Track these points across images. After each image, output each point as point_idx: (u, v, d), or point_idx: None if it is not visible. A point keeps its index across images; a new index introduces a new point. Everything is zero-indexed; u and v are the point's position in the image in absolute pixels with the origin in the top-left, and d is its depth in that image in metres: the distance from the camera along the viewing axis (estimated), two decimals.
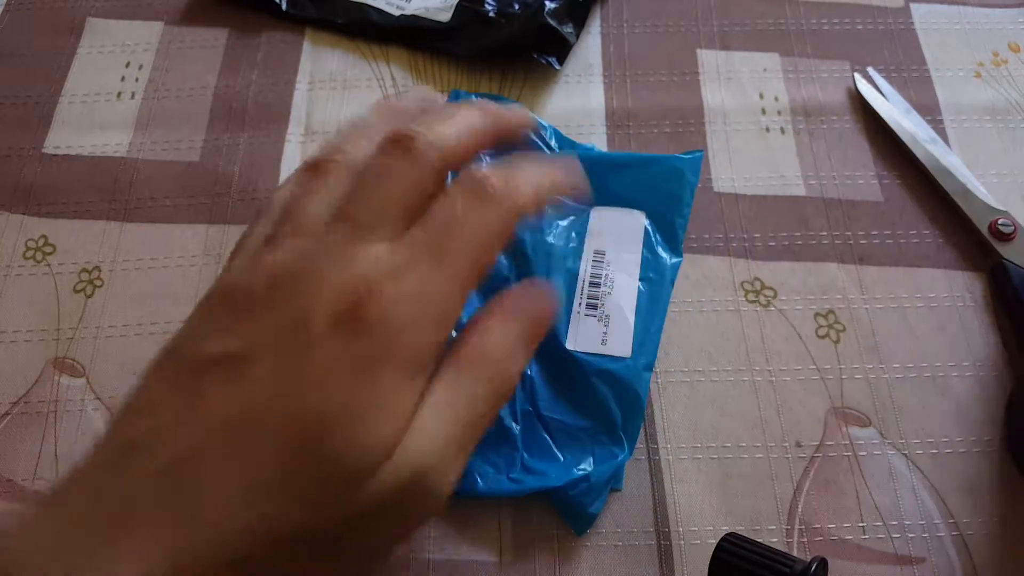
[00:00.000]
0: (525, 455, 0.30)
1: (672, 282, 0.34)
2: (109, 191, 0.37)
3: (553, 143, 0.37)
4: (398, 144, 0.23)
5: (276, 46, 0.41)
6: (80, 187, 0.37)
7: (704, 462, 0.31)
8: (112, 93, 0.40)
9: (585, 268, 0.34)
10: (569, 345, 0.32)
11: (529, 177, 0.24)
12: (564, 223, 0.35)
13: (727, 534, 0.26)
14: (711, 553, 0.25)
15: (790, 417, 0.31)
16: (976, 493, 0.30)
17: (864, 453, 0.31)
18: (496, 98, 0.39)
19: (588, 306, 0.33)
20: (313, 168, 0.25)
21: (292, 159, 0.38)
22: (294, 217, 0.24)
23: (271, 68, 0.40)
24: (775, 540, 0.29)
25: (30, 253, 0.35)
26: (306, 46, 0.41)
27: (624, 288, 0.33)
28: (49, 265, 0.35)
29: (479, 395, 0.23)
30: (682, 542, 0.29)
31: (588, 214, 0.35)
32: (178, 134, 0.39)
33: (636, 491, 0.30)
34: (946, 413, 0.31)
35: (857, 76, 0.39)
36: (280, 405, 0.20)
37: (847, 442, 0.31)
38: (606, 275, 0.33)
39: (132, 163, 0.38)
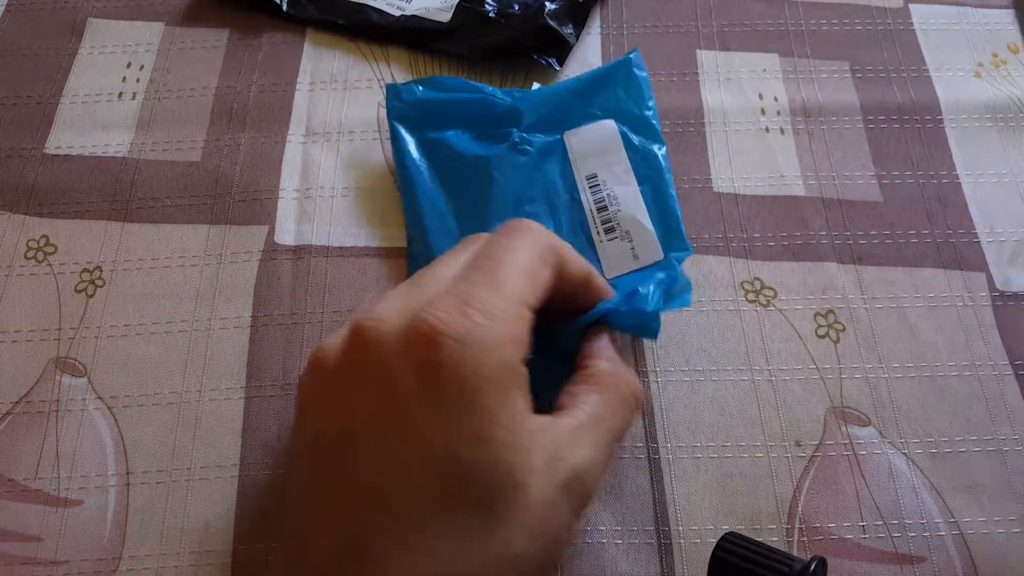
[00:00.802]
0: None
1: (668, 169, 0.35)
2: (110, 191, 0.37)
3: (508, 99, 0.36)
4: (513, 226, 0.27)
5: (277, 47, 0.41)
6: (81, 187, 0.37)
7: (704, 461, 0.31)
8: (113, 93, 0.40)
9: (586, 197, 0.34)
10: (608, 275, 0.33)
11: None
12: (533, 158, 0.35)
13: (726, 533, 0.26)
14: (711, 552, 0.25)
15: (790, 416, 0.31)
16: (976, 492, 0.30)
17: (864, 452, 0.31)
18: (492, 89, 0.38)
19: (606, 231, 0.33)
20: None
21: (293, 160, 0.38)
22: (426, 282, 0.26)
23: (272, 69, 0.41)
24: (775, 539, 0.29)
25: (31, 253, 0.36)
26: (307, 47, 0.41)
27: (628, 199, 0.34)
28: (50, 265, 0.35)
29: (619, 411, 0.26)
30: (682, 541, 0.29)
31: (560, 140, 0.36)
32: (179, 134, 0.39)
33: (636, 490, 0.30)
34: (946, 412, 0.32)
35: None
36: (419, 467, 0.22)
37: (847, 441, 0.31)
38: (608, 195, 0.34)
39: (133, 163, 0.38)
